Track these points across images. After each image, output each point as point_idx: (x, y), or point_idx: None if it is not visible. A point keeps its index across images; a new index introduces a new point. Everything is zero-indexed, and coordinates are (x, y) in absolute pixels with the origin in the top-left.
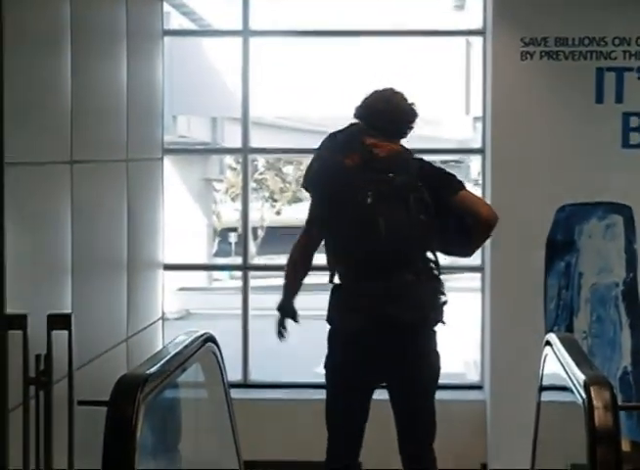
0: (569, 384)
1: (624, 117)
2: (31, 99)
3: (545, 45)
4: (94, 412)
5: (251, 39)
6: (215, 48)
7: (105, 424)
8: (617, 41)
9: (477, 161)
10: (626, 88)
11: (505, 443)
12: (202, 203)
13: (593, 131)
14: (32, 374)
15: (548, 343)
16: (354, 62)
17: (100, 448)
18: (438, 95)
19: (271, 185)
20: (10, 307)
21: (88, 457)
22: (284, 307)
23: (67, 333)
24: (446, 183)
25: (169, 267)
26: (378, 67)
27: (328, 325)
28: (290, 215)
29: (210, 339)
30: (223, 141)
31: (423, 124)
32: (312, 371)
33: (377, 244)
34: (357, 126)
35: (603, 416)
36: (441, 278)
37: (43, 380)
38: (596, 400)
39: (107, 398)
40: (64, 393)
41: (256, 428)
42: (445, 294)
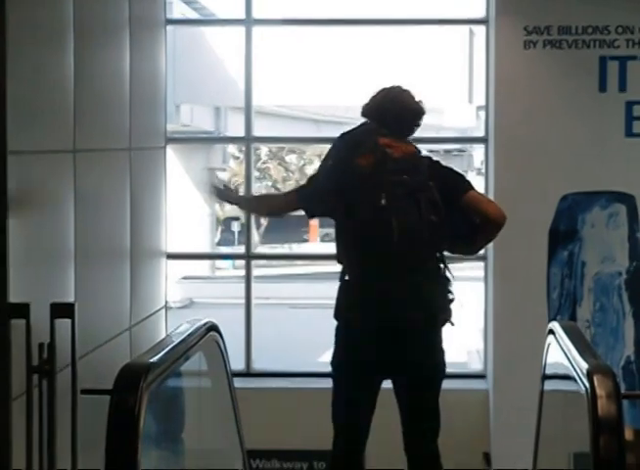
0: (571, 373)
1: (628, 105)
2: (34, 88)
3: (548, 34)
4: (97, 401)
5: (254, 28)
6: (218, 37)
7: (108, 412)
8: (620, 30)
9: (480, 149)
10: (630, 77)
11: (508, 431)
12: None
13: (596, 120)
14: (35, 363)
15: (551, 331)
16: (357, 50)
17: (103, 437)
18: (442, 84)
19: (274, 174)
20: (13, 296)
21: (91, 446)
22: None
23: (70, 322)
24: (455, 183)
25: (172, 256)
26: (381, 55)
27: (335, 321)
28: None
29: (213, 327)
30: (226, 130)
31: (426, 113)
32: (315, 360)
33: (389, 245)
34: (370, 126)
35: (606, 405)
36: (449, 277)
37: (46, 369)
38: (599, 389)
39: (110, 386)
40: (67, 381)
41: (259, 417)
42: (453, 292)
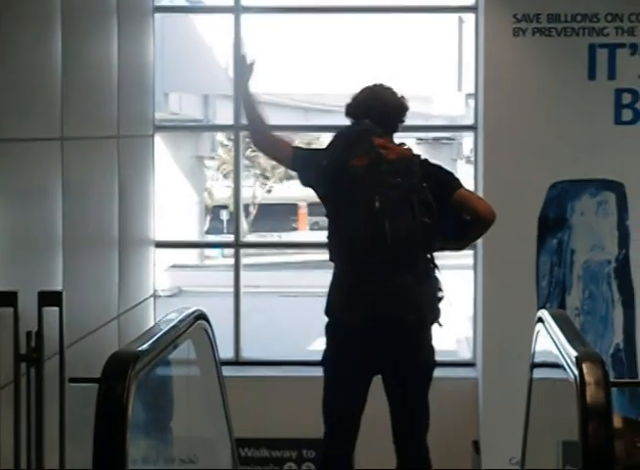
0: (560, 361)
1: (617, 93)
2: (22, 76)
3: (537, 22)
4: (85, 389)
5: (243, 16)
6: (206, 25)
7: (96, 401)
8: (609, 17)
9: (469, 137)
10: (619, 65)
11: (497, 420)
12: (193, 180)
13: (586, 108)
14: (23, 351)
15: (540, 319)
16: (346, 38)
17: (91, 426)
18: (431, 72)
19: (263, 162)
20: (0, 284)
21: (79, 434)
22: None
23: (57, 310)
24: (446, 182)
25: (161, 245)
26: (370, 43)
27: (326, 317)
28: (281, 193)
29: (202, 316)
30: (215, 118)
31: (415, 101)
32: (304, 348)
33: (382, 247)
34: (364, 125)
35: (594, 393)
36: (439, 277)
37: (34, 357)
38: (588, 377)
39: (98, 375)
40: (55, 370)
41: (248, 405)
42: (442, 290)
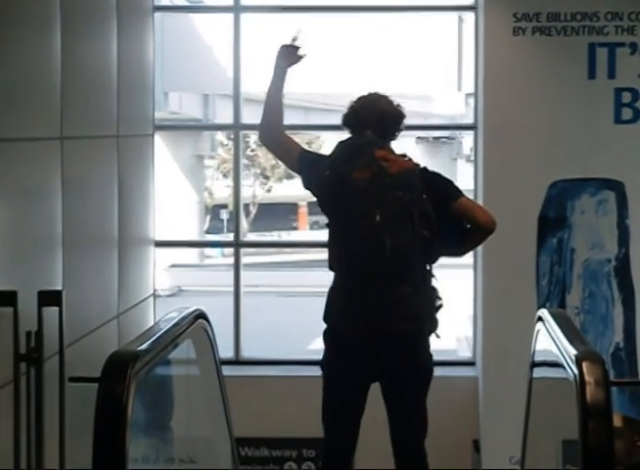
0: (560, 360)
1: (617, 92)
2: (22, 76)
3: (537, 21)
4: (85, 389)
5: (243, 15)
6: (206, 24)
7: (96, 400)
8: (609, 16)
9: (469, 137)
10: (619, 64)
11: (497, 419)
12: (193, 179)
13: (585, 107)
14: (23, 351)
15: (540, 319)
16: (346, 38)
17: (91, 425)
18: (430, 71)
19: (263, 162)
20: (0, 284)
21: (79, 434)
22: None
23: (57, 310)
24: (445, 191)
25: (161, 244)
26: (370, 43)
27: (324, 323)
28: (281, 192)
29: (202, 315)
30: (215, 117)
31: (415, 100)
32: (304, 348)
33: (381, 260)
34: (366, 137)
35: (595, 392)
36: (437, 287)
37: (34, 356)
38: (588, 376)
39: (98, 374)
40: (54, 369)
41: (248, 405)
42: (441, 298)
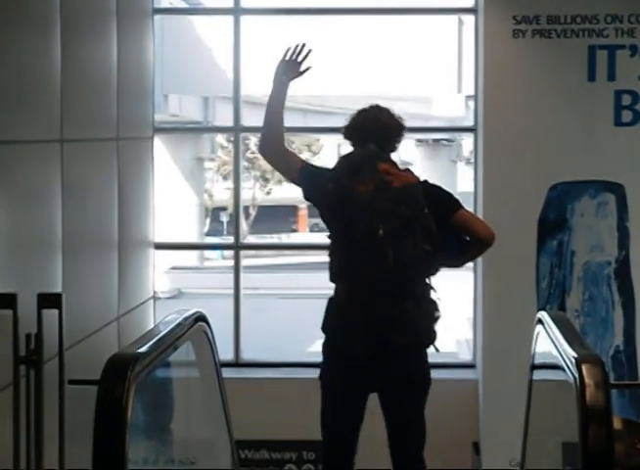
0: (560, 362)
1: (616, 94)
2: (22, 78)
3: (537, 23)
4: (85, 391)
5: (242, 17)
6: (206, 26)
7: (95, 403)
8: (608, 19)
9: (469, 139)
10: (618, 66)
11: (497, 421)
12: (193, 182)
13: (585, 109)
14: (23, 353)
15: (540, 321)
16: (346, 40)
17: (91, 428)
18: (430, 73)
19: (262, 164)
20: (0, 286)
21: (79, 436)
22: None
23: (57, 312)
24: (446, 203)
25: (161, 247)
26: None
27: (322, 333)
28: (280, 195)
29: (201, 318)
30: (215, 120)
31: (415, 103)
32: (304, 350)
33: (383, 273)
34: (369, 150)
35: (594, 394)
36: (436, 300)
37: (33, 359)
38: (587, 378)
39: (98, 377)
40: (54, 372)
41: (248, 407)
42: (439, 310)
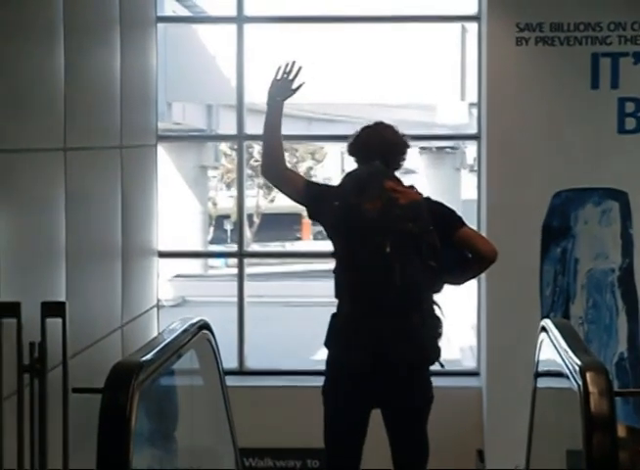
0: (564, 370)
1: (620, 102)
2: (25, 86)
3: (540, 31)
4: (89, 400)
5: (246, 26)
6: (210, 35)
7: (99, 411)
8: (612, 26)
9: (472, 147)
10: (622, 73)
11: (501, 429)
12: (197, 190)
13: (589, 117)
14: (27, 362)
15: (544, 329)
16: (349, 48)
17: (95, 436)
18: (434, 81)
19: None
20: (3, 295)
21: (83, 445)
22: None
23: (61, 321)
24: (449, 221)
25: (164, 255)
26: (373, 53)
27: (325, 348)
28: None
29: (205, 326)
30: (218, 128)
31: (418, 110)
32: (308, 358)
33: (390, 290)
34: (375, 167)
35: (599, 402)
36: (441, 317)
37: (37, 368)
38: (592, 386)
39: (101, 385)
40: (58, 380)
41: (252, 415)
42: (442, 326)
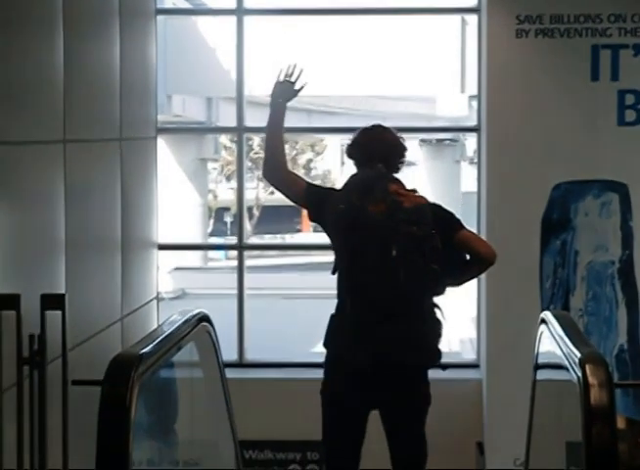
0: (564, 362)
1: (620, 94)
2: (24, 78)
3: (540, 23)
4: (88, 392)
5: (246, 18)
6: (209, 27)
7: (99, 404)
8: (612, 18)
9: (472, 139)
10: (622, 65)
11: (501, 421)
12: (196, 182)
13: (588, 109)
14: (26, 354)
15: (543, 321)
16: (350, 40)
17: (94, 428)
18: (434, 73)
19: None
20: (3, 287)
21: (82, 437)
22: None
23: (60, 313)
24: (448, 223)
25: (164, 247)
26: (373, 45)
27: (324, 349)
28: None
29: (205, 318)
30: (218, 120)
31: (418, 103)
32: (308, 351)
33: (395, 292)
34: (378, 170)
35: (598, 394)
36: (441, 320)
37: (37, 360)
38: (591, 378)
39: (101, 377)
40: (58, 372)
41: (252, 407)
42: (442, 329)
